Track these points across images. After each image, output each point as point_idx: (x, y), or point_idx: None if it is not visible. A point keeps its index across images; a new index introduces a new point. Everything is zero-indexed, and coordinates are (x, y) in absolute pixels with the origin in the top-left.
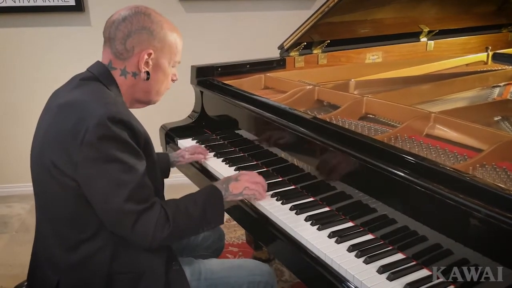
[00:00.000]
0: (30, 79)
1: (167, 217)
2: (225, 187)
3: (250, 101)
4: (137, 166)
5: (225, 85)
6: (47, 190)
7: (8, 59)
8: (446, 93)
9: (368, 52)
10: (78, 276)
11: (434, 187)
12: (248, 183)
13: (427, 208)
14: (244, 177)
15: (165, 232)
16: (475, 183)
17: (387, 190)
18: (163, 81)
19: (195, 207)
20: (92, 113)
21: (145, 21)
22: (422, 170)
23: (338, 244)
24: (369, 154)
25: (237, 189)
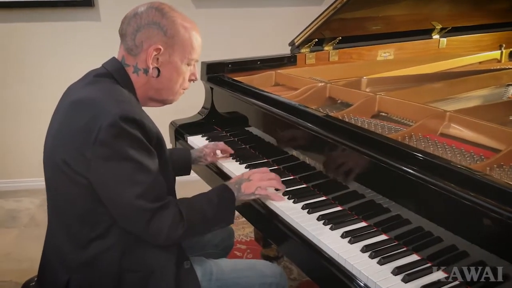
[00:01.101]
0: (40, 74)
1: (182, 216)
2: (237, 187)
3: (261, 98)
4: (150, 165)
5: (235, 81)
6: (59, 187)
7: (18, 54)
8: (459, 92)
9: (380, 49)
10: (88, 274)
11: (449, 187)
12: (261, 182)
13: (442, 209)
14: (256, 176)
15: (179, 231)
16: (492, 183)
17: (401, 189)
18: (176, 80)
19: (208, 206)
20: (105, 112)
21: (155, 15)
22: (437, 170)
23: (351, 244)
24: (382, 153)
25: (249, 189)
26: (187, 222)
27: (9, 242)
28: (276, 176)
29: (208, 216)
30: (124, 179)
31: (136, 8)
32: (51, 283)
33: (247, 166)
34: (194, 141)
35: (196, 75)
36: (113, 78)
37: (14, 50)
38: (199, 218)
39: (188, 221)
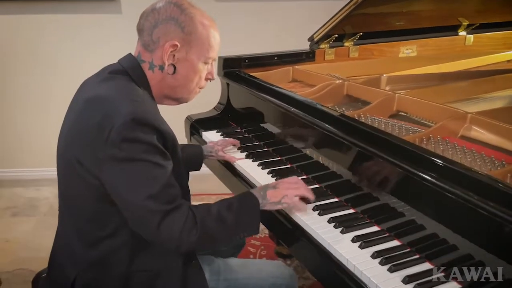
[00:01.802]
0: (60, 66)
1: (195, 220)
2: (262, 194)
3: (275, 94)
4: (163, 166)
5: (251, 77)
6: (70, 185)
7: (39, 46)
8: (485, 91)
9: (402, 45)
10: (96, 273)
11: (464, 195)
12: (288, 190)
13: (457, 216)
14: (282, 185)
15: (193, 236)
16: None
17: (416, 193)
18: (192, 78)
19: (228, 212)
20: (118, 111)
21: (173, 11)
22: (453, 175)
23: (362, 249)
24: (395, 156)
25: (275, 197)
26: (202, 227)
27: (28, 230)
28: (304, 185)
29: (228, 222)
30: (136, 181)
31: (155, 3)
32: (59, 278)
33: (259, 164)
34: (208, 137)
35: (213, 74)
36: (128, 75)
37: (36, 41)
38: (216, 224)
39: (203, 226)
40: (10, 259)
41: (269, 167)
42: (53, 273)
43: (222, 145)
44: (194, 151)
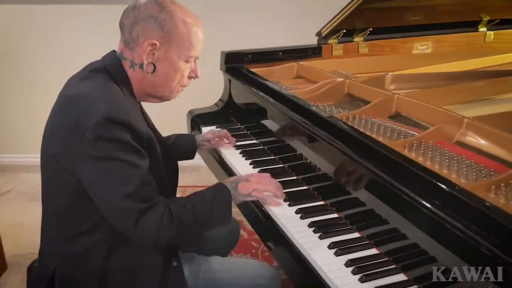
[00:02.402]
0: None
1: (172, 216)
2: (234, 186)
3: (271, 93)
4: (138, 165)
5: (251, 74)
6: (50, 180)
7: (50, 34)
8: (499, 92)
9: (417, 41)
10: (74, 267)
11: (432, 206)
12: (259, 184)
13: (431, 228)
14: (254, 178)
15: (170, 231)
16: (485, 211)
17: (396, 202)
18: (173, 77)
19: (202, 206)
20: (92, 110)
21: (153, 9)
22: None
23: (337, 256)
24: (376, 163)
25: (246, 189)
26: (178, 222)
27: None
28: (277, 183)
29: (202, 215)
30: (112, 179)
31: (137, 0)
32: (42, 269)
33: (252, 162)
34: None
35: (197, 72)
36: (108, 73)
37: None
38: (191, 218)
39: (180, 221)
40: (24, 242)
41: (260, 166)
42: (38, 264)
43: (214, 135)
44: (187, 140)
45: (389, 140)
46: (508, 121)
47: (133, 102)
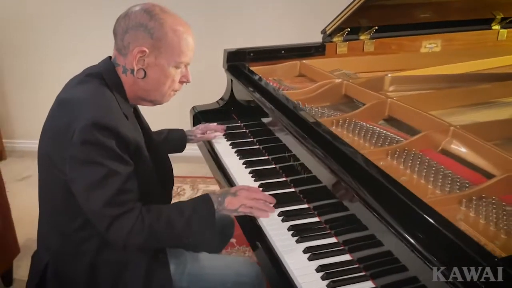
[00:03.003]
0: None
1: (143, 225)
2: (220, 200)
3: (263, 94)
4: (118, 172)
5: (250, 73)
6: (45, 178)
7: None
8: (503, 96)
9: (425, 39)
10: (66, 261)
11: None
12: (246, 200)
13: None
14: (242, 193)
15: (139, 238)
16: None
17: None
18: (164, 82)
19: (179, 217)
20: (81, 115)
21: (143, 17)
22: (391, 202)
23: (310, 261)
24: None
25: (232, 205)
26: (149, 231)
27: None
28: (265, 196)
29: (177, 226)
30: (91, 183)
31: (129, 8)
32: (36, 261)
33: (244, 163)
34: None
35: (188, 77)
36: (102, 78)
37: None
38: (165, 228)
39: (151, 230)
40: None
41: (252, 167)
42: (34, 255)
43: (202, 129)
44: (177, 135)
45: (374, 146)
46: (500, 129)
47: (126, 106)
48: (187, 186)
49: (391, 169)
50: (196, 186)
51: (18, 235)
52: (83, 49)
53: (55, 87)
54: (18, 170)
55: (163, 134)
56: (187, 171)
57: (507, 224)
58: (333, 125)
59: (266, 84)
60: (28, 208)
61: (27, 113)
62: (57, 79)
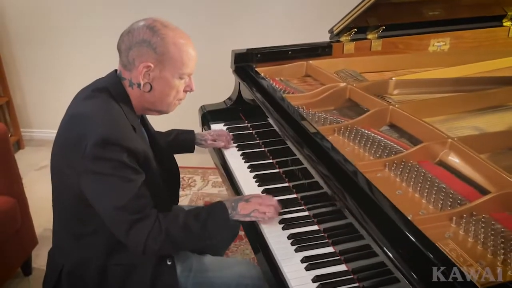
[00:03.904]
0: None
1: (161, 229)
2: (233, 205)
3: (268, 99)
4: (132, 180)
5: (256, 76)
6: (58, 187)
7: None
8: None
9: (433, 38)
10: (79, 264)
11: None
12: (259, 206)
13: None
14: (255, 200)
15: (157, 243)
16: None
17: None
18: (169, 93)
19: (195, 222)
20: (91, 131)
21: (146, 34)
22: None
23: (307, 271)
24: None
25: (245, 210)
26: (167, 236)
27: None
28: (276, 203)
29: (194, 231)
30: (107, 193)
31: (132, 25)
32: (54, 264)
33: (249, 166)
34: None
35: (191, 86)
36: (109, 92)
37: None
38: (182, 232)
39: (168, 235)
40: None
41: (256, 171)
42: (50, 260)
43: (213, 136)
44: (187, 137)
45: (373, 156)
46: (500, 139)
47: (133, 117)
48: (198, 177)
49: (387, 182)
50: (206, 177)
51: (35, 225)
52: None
53: (71, 76)
54: (35, 160)
55: (172, 135)
56: (198, 162)
57: (494, 244)
58: (334, 133)
59: (271, 89)
60: (45, 198)
61: (44, 103)
62: (73, 69)
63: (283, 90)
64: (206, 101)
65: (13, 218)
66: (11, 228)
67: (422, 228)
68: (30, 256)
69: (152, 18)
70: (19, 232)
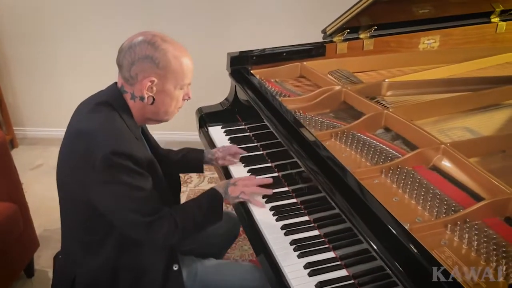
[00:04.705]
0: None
1: (177, 225)
2: (224, 190)
3: (265, 105)
4: (143, 185)
5: (252, 81)
6: (66, 199)
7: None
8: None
9: (423, 36)
10: (90, 270)
11: None
12: (245, 187)
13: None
14: (240, 182)
15: (176, 237)
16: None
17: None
18: (170, 103)
19: (200, 211)
20: (99, 146)
21: (147, 49)
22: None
23: (310, 277)
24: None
25: (234, 192)
26: (182, 229)
27: None
28: (257, 182)
29: (200, 219)
30: (121, 199)
31: (131, 40)
32: (65, 272)
33: (249, 170)
34: (214, 133)
35: (189, 94)
36: (111, 106)
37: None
38: (192, 223)
39: (183, 227)
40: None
41: (256, 174)
42: (60, 267)
43: (223, 153)
44: (195, 157)
45: (370, 162)
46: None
47: (135, 128)
48: (194, 173)
49: (384, 189)
50: (202, 174)
51: (35, 226)
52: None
53: (61, 74)
54: (30, 159)
55: (180, 154)
56: None
57: (487, 251)
58: (332, 138)
59: (266, 93)
60: (43, 198)
61: (36, 101)
62: (66, 68)
63: (279, 93)
64: (201, 103)
65: (15, 224)
66: (13, 233)
67: (419, 236)
68: (32, 258)
69: (150, 33)
70: (21, 236)
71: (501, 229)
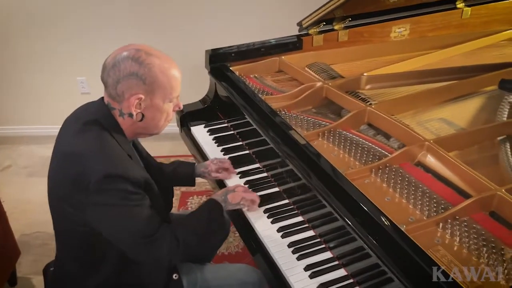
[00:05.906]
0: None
1: (178, 242)
2: (224, 198)
3: (248, 103)
4: (140, 206)
5: (233, 80)
6: (60, 220)
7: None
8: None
9: (394, 25)
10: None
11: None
12: (245, 193)
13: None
14: (240, 188)
15: (179, 255)
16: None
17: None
18: (160, 118)
19: (200, 224)
20: (91, 169)
21: (132, 66)
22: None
23: (311, 279)
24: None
25: (235, 199)
26: (184, 245)
27: None
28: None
29: (202, 233)
30: (118, 222)
31: (114, 56)
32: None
33: (239, 173)
34: (197, 132)
35: (180, 105)
36: (100, 124)
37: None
38: (194, 237)
39: (185, 244)
40: (32, 220)
41: (246, 177)
42: (47, 272)
43: (217, 165)
44: (185, 171)
45: (359, 162)
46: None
47: (126, 144)
48: None
49: (376, 188)
50: None
51: (13, 231)
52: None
53: (28, 72)
54: None
55: (171, 167)
56: (169, 150)
57: (477, 248)
58: (319, 137)
59: (249, 92)
60: (16, 201)
61: (3, 98)
62: (30, 64)
63: (261, 90)
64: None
65: None
66: None
67: (414, 236)
68: (14, 268)
69: (134, 47)
70: (2, 247)
71: (488, 224)
